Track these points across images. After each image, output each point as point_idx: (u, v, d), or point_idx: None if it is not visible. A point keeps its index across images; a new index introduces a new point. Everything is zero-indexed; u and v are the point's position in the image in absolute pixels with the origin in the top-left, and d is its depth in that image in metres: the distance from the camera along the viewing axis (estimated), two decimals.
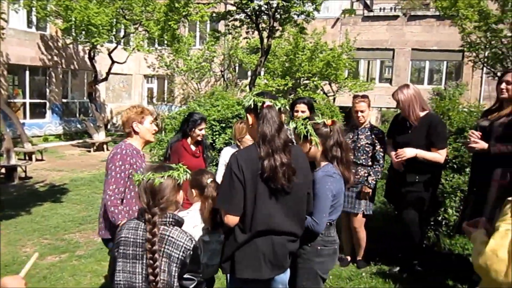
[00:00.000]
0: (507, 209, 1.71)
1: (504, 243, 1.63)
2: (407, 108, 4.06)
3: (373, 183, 4.26)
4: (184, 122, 4.39)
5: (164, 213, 2.13)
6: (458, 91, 17.05)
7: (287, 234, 2.40)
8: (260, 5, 12.42)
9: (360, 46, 18.98)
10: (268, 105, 2.38)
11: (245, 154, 2.39)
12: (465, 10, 10.03)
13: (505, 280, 1.61)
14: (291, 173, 2.31)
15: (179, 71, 19.25)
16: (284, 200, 2.35)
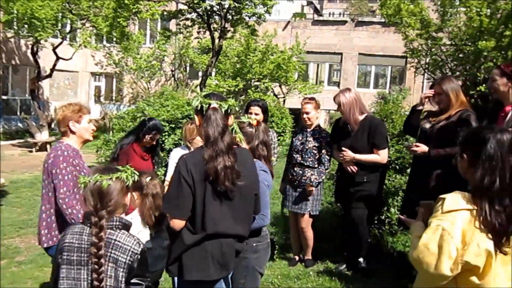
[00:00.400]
0: (439, 206, 1.84)
1: (435, 237, 1.76)
2: (348, 111, 4.21)
3: (316, 182, 4.36)
4: (140, 126, 4.32)
5: (111, 216, 2.07)
6: (401, 95, 17.81)
7: (234, 237, 2.42)
8: (212, 5, 12.41)
9: (309, 49, 19.40)
10: (213, 107, 2.37)
11: (194, 157, 2.38)
12: (408, 18, 10.51)
13: (435, 272, 1.74)
14: (235, 175, 2.31)
15: (128, 69, 18.82)
16: (230, 202, 2.36)
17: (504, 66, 3.43)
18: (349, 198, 4.30)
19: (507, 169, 1.79)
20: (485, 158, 1.79)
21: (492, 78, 3.42)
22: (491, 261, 1.74)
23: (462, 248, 1.72)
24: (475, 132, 1.92)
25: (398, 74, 22.51)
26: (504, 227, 1.77)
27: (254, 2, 12.13)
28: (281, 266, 4.59)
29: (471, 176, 1.86)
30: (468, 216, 1.77)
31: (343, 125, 4.41)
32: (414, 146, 3.79)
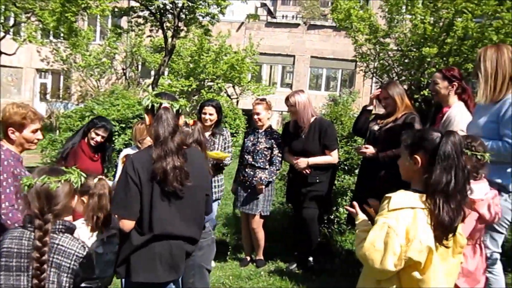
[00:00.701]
0: (385, 205, 1.93)
1: (381, 235, 1.85)
2: (302, 111, 4.29)
3: (265, 180, 4.41)
4: (87, 124, 4.20)
5: (57, 220, 1.99)
6: (351, 98, 18.38)
7: (184, 239, 2.39)
8: (165, 4, 12.23)
9: (263, 51, 19.57)
10: (164, 107, 2.34)
11: (141, 157, 2.34)
12: (358, 23, 10.85)
13: (380, 267, 1.83)
14: (183, 176, 2.29)
15: (77, 66, 18.16)
16: (180, 203, 2.34)
17: (445, 70, 3.60)
18: (301, 198, 4.38)
19: (460, 168, 1.90)
20: (443, 158, 1.87)
21: (434, 81, 3.59)
22: (431, 257, 1.84)
23: (406, 245, 1.80)
24: (425, 134, 2.00)
25: (348, 77, 23.17)
26: (453, 223, 1.89)
27: (207, 2, 12.07)
28: (233, 267, 4.60)
29: (421, 176, 1.95)
30: (412, 214, 1.86)
31: (293, 128, 4.48)
32: (363, 148, 3.92)
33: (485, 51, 3.00)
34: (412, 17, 10.33)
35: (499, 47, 3.01)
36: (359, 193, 4.08)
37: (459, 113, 3.37)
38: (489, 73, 2.92)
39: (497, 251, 2.97)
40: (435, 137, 1.93)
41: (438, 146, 1.89)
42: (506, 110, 2.84)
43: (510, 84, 2.89)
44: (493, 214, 2.61)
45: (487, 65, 2.94)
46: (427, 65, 10.29)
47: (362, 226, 2.12)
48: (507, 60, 2.90)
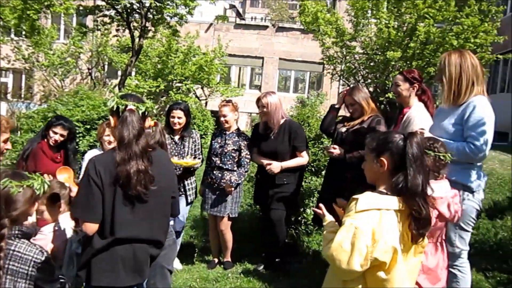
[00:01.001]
0: (352, 206, 1.96)
1: (348, 236, 1.88)
2: (273, 112, 4.32)
3: (235, 183, 4.41)
4: (46, 124, 4.07)
5: (14, 226, 1.92)
6: (319, 100, 18.56)
7: (149, 242, 2.36)
8: (131, 3, 12.01)
9: (232, 52, 19.56)
10: (129, 109, 2.30)
11: (104, 159, 2.31)
12: (325, 26, 11.00)
13: (347, 267, 1.86)
14: (147, 180, 2.25)
15: (40, 65, 17.59)
16: (144, 206, 2.30)
17: (406, 72, 3.71)
18: (268, 199, 4.40)
19: (426, 167, 1.97)
20: (414, 160, 1.92)
21: (396, 83, 3.69)
22: (396, 257, 1.88)
23: (372, 245, 1.84)
24: (388, 137, 2.04)
25: (316, 79, 23.46)
26: (430, 219, 1.96)
27: (175, 3, 11.94)
28: (200, 269, 4.58)
29: (387, 178, 1.99)
30: (378, 215, 1.90)
31: (263, 129, 4.49)
32: (332, 148, 3.98)
33: (449, 56, 3.08)
34: (377, 21, 10.57)
35: (462, 52, 3.11)
36: (326, 194, 4.14)
37: (419, 113, 3.48)
38: (453, 78, 3.01)
39: (465, 249, 3.05)
40: (399, 139, 1.99)
41: (404, 148, 1.94)
42: (470, 113, 2.94)
43: (472, 88, 2.99)
44: (452, 212, 2.70)
45: (451, 70, 3.02)
46: (391, 68, 10.54)
47: (329, 227, 2.15)
48: (470, 65, 3.01)
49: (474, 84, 2.99)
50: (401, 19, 10.42)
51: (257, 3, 55.95)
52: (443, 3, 9.94)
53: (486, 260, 4.28)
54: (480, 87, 3.02)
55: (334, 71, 12.25)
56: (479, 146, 2.90)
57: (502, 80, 15.24)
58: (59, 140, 3.98)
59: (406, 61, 10.30)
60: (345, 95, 4.18)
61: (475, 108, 2.93)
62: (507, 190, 6.44)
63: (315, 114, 6.46)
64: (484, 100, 2.98)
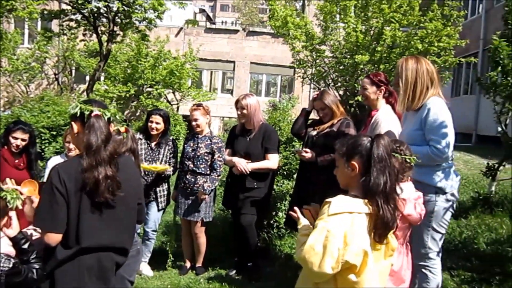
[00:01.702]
0: (324, 209, 1.97)
1: (320, 238, 1.89)
2: (252, 114, 4.35)
3: (209, 189, 4.40)
4: (4, 130, 3.93)
5: None
6: (290, 103, 18.71)
7: (115, 250, 2.30)
8: (98, 7, 11.80)
9: (203, 56, 19.48)
10: (96, 114, 2.24)
11: (68, 166, 2.24)
12: (295, 30, 11.11)
13: (319, 270, 1.87)
14: (115, 186, 2.20)
15: (3, 71, 17.04)
16: (110, 213, 2.24)
17: (373, 75, 3.75)
18: (239, 203, 4.39)
19: (392, 169, 2.00)
20: (378, 160, 1.95)
21: (363, 87, 3.74)
22: (367, 260, 1.90)
23: (343, 248, 1.85)
24: (357, 140, 2.07)
25: (288, 83, 23.63)
26: (395, 221, 1.98)
27: (144, 7, 11.81)
28: (172, 275, 4.52)
29: (358, 181, 2.01)
30: (350, 218, 1.91)
31: (240, 130, 4.51)
32: (303, 151, 3.98)
33: (406, 62, 3.15)
34: (345, 26, 10.76)
35: (418, 58, 3.18)
36: (297, 197, 4.16)
37: (386, 115, 3.53)
38: (409, 83, 3.08)
39: (436, 250, 3.09)
40: (367, 142, 2.02)
41: (371, 150, 1.98)
42: (425, 115, 3.01)
43: (426, 93, 3.07)
44: (417, 214, 2.76)
45: (408, 75, 3.09)
46: (360, 71, 10.74)
47: (303, 230, 2.16)
48: (425, 71, 3.08)
49: (428, 88, 3.07)
50: (368, 24, 10.65)
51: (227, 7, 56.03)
52: (407, 8, 10.23)
53: (451, 259, 4.39)
54: (435, 90, 3.09)
55: (305, 75, 12.37)
56: (441, 149, 2.95)
57: (466, 83, 15.75)
58: (21, 145, 3.86)
59: (374, 64, 10.51)
60: (315, 98, 4.22)
61: (429, 110, 3.01)
62: (471, 190, 6.64)
63: (286, 118, 6.51)
64: (438, 101, 3.06)
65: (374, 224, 1.95)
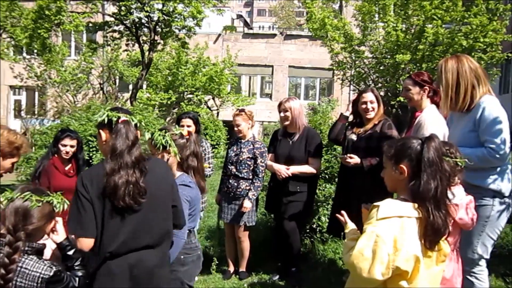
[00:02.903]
0: (373, 213, 1.93)
1: (370, 243, 1.84)
2: (296, 116, 4.32)
3: (253, 198, 4.41)
4: (53, 139, 4.10)
5: (29, 240, 1.92)
6: (330, 106, 18.53)
7: (146, 253, 2.27)
8: (140, 18, 12.16)
9: (241, 62, 19.65)
10: (123, 120, 2.26)
11: (91, 172, 2.28)
12: (333, 32, 11.03)
13: (368, 276, 1.83)
14: (136, 191, 2.18)
15: (52, 82, 17.87)
16: (136, 217, 2.23)
17: (415, 75, 3.62)
18: (282, 208, 4.37)
19: (443, 173, 1.93)
20: (428, 164, 1.90)
21: (406, 88, 3.63)
22: (418, 266, 1.85)
23: (394, 254, 1.81)
24: (406, 143, 2.01)
25: (327, 85, 23.41)
26: (446, 228, 1.92)
27: (183, 15, 12.06)
28: (216, 280, 4.55)
29: (407, 185, 1.96)
30: (399, 223, 1.87)
31: (282, 134, 4.51)
32: (348, 157, 3.87)
33: (445, 63, 3.03)
34: (384, 25, 10.56)
35: (458, 57, 3.05)
36: (339, 201, 4.08)
37: (430, 116, 3.41)
38: (450, 84, 2.96)
39: (486, 257, 2.96)
40: (417, 145, 1.96)
41: (421, 153, 1.92)
42: (480, 115, 2.88)
43: (473, 92, 2.93)
44: (469, 219, 2.65)
45: (448, 77, 2.97)
46: (401, 71, 10.50)
47: (351, 234, 2.12)
48: (468, 69, 2.95)
49: (474, 87, 2.93)
50: (408, 22, 10.40)
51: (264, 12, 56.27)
52: (450, 4, 9.90)
53: (504, 265, 4.19)
54: (483, 87, 2.94)
55: (344, 77, 12.24)
56: (497, 149, 2.82)
57: None
58: (70, 151, 4.02)
59: (415, 63, 10.25)
60: (355, 102, 4.13)
61: (484, 109, 2.87)
62: None
63: (327, 121, 6.44)
64: (492, 99, 2.92)
65: (425, 230, 1.89)
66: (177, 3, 11.64)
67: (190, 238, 2.84)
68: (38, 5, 11.24)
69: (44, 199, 2.00)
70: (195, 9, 11.65)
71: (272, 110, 18.60)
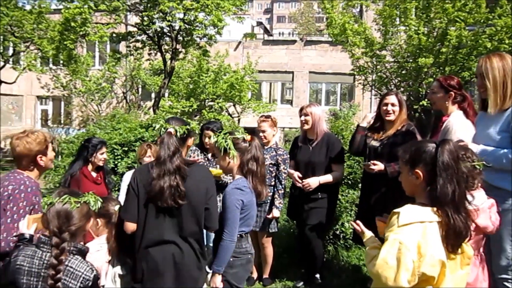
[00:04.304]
0: (394, 220, 1.91)
1: (393, 251, 1.83)
2: (317, 122, 4.32)
3: (280, 206, 4.42)
4: (83, 148, 4.17)
5: (73, 240, 2.05)
6: (351, 111, 18.41)
7: (179, 247, 2.60)
8: (162, 27, 12.37)
9: (262, 68, 19.71)
10: (168, 132, 2.61)
11: (142, 171, 2.68)
12: (353, 37, 10.96)
13: (394, 284, 1.80)
14: (177, 194, 2.52)
15: (77, 92, 18.29)
16: (174, 216, 2.59)
17: (442, 79, 3.56)
18: (303, 215, 4.36)
19: (460, 176, 1.91)
20: (444, 168, 1.87)
21: (432, 91, 3.58)
22: (444, 271, 1.83)
23: (418, 260, 1.79)
24: (420, 147, 1.99)
25: (348, 91, 23.26)
26: (468, 231, 1.90)
27: (204, 24, 12.21)
28: None
29: (425, 189, 1.94)
30: (421, 228, 1.85)
31: (303, 140, 4.50)
32: (372, 164, 3.82)
33: (489, 61, 2.93)
34: (406, 29, 10.44)
35: (501, 55, 2.97)
36: (364, 208, 4.04)
37: (457, 122, 3.35)
38: (498, 82, 2.87)
39: None
40: (432, 148, 1.94)
41: (436, 157, 1.90)
42: None
43: None
44: (492, 223, 2.60)
45: (495, 74, 2.88)
46: (424, 75, 10.35)
47: (370, 243, 2.11)
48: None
49: None
50: (430, 25, 10.25)
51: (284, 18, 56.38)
52: (473, 6, 9.71)
53: None
54: None
55: (366, 82, 12.14)
56: None
57: None
58: (105, 158, 4.20)
59: (439, 67, 10.10)
60: (377, 115, 4.07)
61: None
62: None
63: (349, 126, 6.40)
64: None
65: (446, 234, 1.87)
66: (198, 12, 11.79)
67: (241, 242, 2.89)
68: (64, 17, 11.56)
69: (81, 200, 2.13)
70: (215, 17, 11.77)
71: (293, 116, 18.59)
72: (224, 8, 11.86)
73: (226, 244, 2.75)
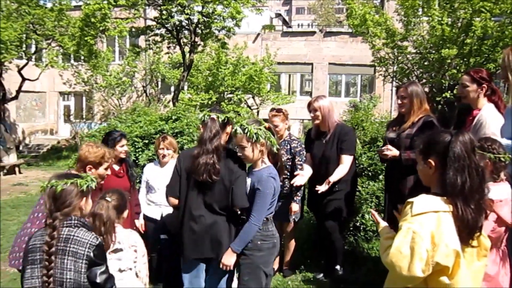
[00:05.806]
0: (408, 210, 1.91)
1: (407, 240, 1.82)
2: (326, 115, 4.25)
3: (298, 199, 4.38)
4: (103, 142, 4.22)
5: (66, 217, 2.24)
6: (372, 103, 18.19)
7: (209, 223, 2.96)
8: (180, 21, 12.42)
9: (280, 60, 19.61)
10: (211, 117, 3.01)
11: (186, 153, 3.14)
12: (374, 28, 10.77)
13: (408, 274, 1.80)
14: (212, 170, 2.90)
15: (98, 87, 18.56)
16: (209, 192, 2.97)
17: (473, 72, 3.47)
18: (322, 207, 4.34)
19: (473, 168, 1.88)
20: (454, 159, 1.86)
21: (463, 84, 3.47)
22: (459, 261, 1.81)
23: (432, 249, 1.78)
24: (434, 137, 1.98)
25: (368, 82, 22.96)
26: (477, 223, 1.87)
27: (222, 16, 12.21)
28: None
29: (438, 179, 1.93)
30: (435, 218, 1.83)
31: (315, 133, 4.45)
32: (386, 149, 3.79)
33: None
34: (429, 19, 10.20)
35: None
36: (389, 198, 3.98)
37: (490, 115, 3.26)
38: None
39: None
40: (446, 139, 1.92)
41: (448, 148, 1.88)
42: None
43: None
44: None
45: None
46: (447, 66, 10.13)
47: (385, 233, 2.11)
48: None
49: None
50: (454, 15, 9.99)
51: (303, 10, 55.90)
52: None
53: None
54: None
55: (386, 73, 11.96)
56: None
57: None
58: (126, 150, 4.23)
59: (462, 58, 9.87)
60: None
61: None
62: None
63: (369, 118, 6.32)
64: None
65: (457, 226, 1.86)
66: (216, 5, 11.79)
67: (267, 225, 3.02)
68: (84, 13, 11.72)
69: (67, 181, 2.28)
70: (234, 9, 11.77)
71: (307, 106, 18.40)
72: (243, 0, 11.82)
73: (251, 226, 2.90)
